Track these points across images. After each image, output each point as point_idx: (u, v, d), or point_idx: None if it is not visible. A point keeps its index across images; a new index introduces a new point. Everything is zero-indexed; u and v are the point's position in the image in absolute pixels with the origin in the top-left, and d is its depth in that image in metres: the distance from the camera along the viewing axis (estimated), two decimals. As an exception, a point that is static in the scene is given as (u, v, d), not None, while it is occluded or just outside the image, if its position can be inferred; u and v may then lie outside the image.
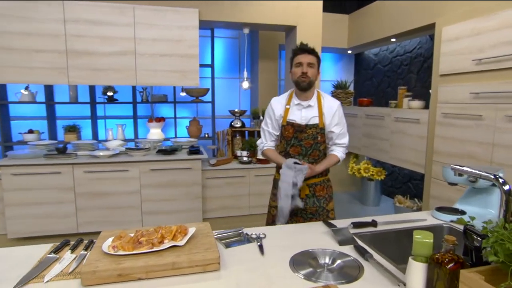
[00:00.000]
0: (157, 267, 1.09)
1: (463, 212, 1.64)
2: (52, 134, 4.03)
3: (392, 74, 4.55)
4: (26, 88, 3.55)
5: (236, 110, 3.87)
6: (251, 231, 1.50)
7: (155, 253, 1.15)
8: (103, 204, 3.18)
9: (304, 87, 1.89)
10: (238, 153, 3.76)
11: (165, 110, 4.56)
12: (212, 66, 4.27)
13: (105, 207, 3.19)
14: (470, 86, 2.65)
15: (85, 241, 1.36)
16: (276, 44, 4.52)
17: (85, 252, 1.25)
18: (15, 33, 2.92)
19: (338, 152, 1.97)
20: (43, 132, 3.93)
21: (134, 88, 4.21)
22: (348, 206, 4.49)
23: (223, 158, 3.68)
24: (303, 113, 1.94)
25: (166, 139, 4.06)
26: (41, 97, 3.83)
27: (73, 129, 4.00)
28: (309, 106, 1.93)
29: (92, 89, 4.04)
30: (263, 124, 2.06)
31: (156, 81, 3.31)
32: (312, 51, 1.90)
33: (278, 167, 2.07)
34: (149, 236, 1.22)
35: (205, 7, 3.33)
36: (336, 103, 1.97)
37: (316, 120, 1.93)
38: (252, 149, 3.79)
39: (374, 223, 1.57)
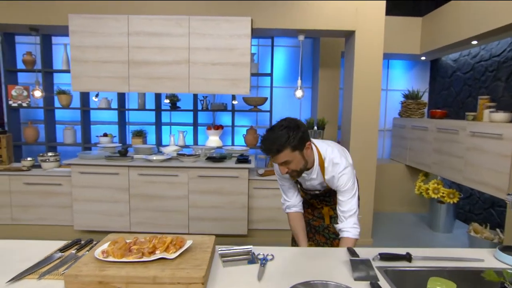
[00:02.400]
0: (138, 279, 1.04)
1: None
2: (122, 138, 4.41)
3: (474, 82, 3.93)
4: (96, 96, 3.96)
5: (290, 119, 3.73)
6: (261, 250, 1.37)
7: (142, 264, 1.10)
8: (153, 207, 3.33)
9: (296, 179, 1.67)
10: (289, 164, 3.61)
11: (227, 118, 4.65)
12: (271, 75, 4.23)
13: (155, 209, 3.33)
14: None
15: (94, 242, 1.38)
16: (338, 51, 4.29)
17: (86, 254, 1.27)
18: (88, 46, 3.26)
19: (348, 229, 1.56)
20: (115, 136, 4.33)
21: (195, 96, 4.39)
22: (413, 229, 3.98)
23: (272, 169, 3.57)
24: (307, 183, 1.69)
25: (219, 147, 4.12)
26: (115, 104, 4.25)
27: (139, 134, 4.32)
28: (312, 178, 1.65)
29: (158, 97, 4.33)
30: (278, 180, 1.80)
31: (208, 89, 3.38)
32: (277, 151, 1.44)
33: None
34: (141, 245, 1.18)
35: (258, 15, 3.30)
36: (336, 169, 1.58)
37: (320, 187, 1.70)
38: (303, 160, 3.61)
39: (408, 257, 1.30)
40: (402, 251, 1.34)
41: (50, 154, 3.70)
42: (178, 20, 3.25)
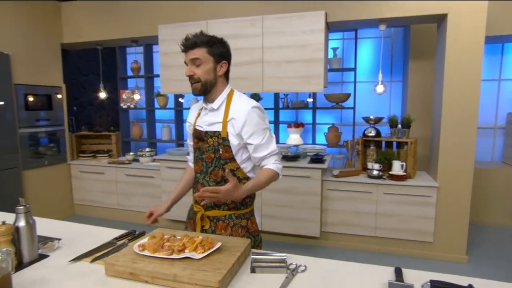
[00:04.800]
0: (161, 275, 1.09)
1: None
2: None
3: None
4: (182, 97, 4.33)
5: (371, 117, 3.45)
6: (294, 260, 1.30)
7: (169, 261, 1.16)
8: (229, 202, 3.48)
9: (198, 93, 1.47)
10: (369, 165, 3.35)
11: (310, 116, 4.56)
12: (354, 69, 3.98)
13: (230, 204, 3.48)
14: None
15: (146, 234, 1.52)
16: (432, 40, 3.77)
17: (134, 245, 1.40)
18: (174, 52, 3.59)
19: (269, 164, 1.46)
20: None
21: (276, 95, 4.42)
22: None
23: (349, 170, 3.36)
24: (208, 117, 1.51)
25: (297, 145, 4.06)
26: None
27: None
28: (212, 109, 1.50)
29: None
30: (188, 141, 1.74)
31: (281, 88, 3.36)
32: (194, 44, 1.40)
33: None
34: (173, 242, 1.24)
35: (333, 7, 3.12)
36: (247, 105, 1.44)
37: (218, 127, 1.47)
38: (386, 162, 3.29)
39: (469, 289, 1.07)
40: (468, 281, 1.11)
41: (147, 149, 4.21)
42: (252, 21, 3.31)
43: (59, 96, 4.15)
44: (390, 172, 3.18)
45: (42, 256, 1.27)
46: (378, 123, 3.46)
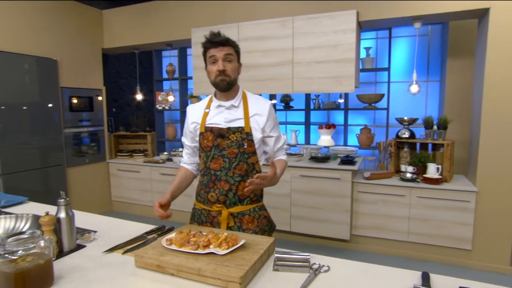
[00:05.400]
0: (186, 269, 1.14)
1: None
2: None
3: None
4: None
5: (405, 118, 3.34)
6: (318, 260, 1.30)
7: (194, 255, 1.20)
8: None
9: (225, 88, 1.51)
10: (403, 167, 3.24)
11: (341, 117, 4.50)
12: (388, 69, 3.88)
13: (259, 204, 3.51)
14: None
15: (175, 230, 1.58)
16: (472, 37, 3.58)
17: (162, 239, 1.46)
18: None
19: (282, 156, 1.68)
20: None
21: (308, 95, 4.41)
22: None
23: (380, 172, 3.27)
24: (225, 115, 1.54)
25: (327, 147, 4.01)
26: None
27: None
28: (232, 106, 1.57)
29: (272, 97, 4.53)
30: (182, 139, 1.75)
31: (311, 88, 3.34)
32: (227, 41, 1.50)
33: (196, 193, 1.70)
34: (198, 238, 1.29)
35: (365, 6, 3.06)
36: (267, 103, 1.61)
37: (241, 123, 1.52)
38: (420, 164, 3.17)
39: (502, 298, 1.02)
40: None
41: (180, 149, 4.35)
42: (283, 22, 3.33)
43: (100, 98, 4.40)
44: (425, 175, 3.05)
45: (80, 246, 1.36)
46: (412, 124, 3.34)
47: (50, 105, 3.77)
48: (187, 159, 1.73)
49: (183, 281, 1.13)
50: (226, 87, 1.51)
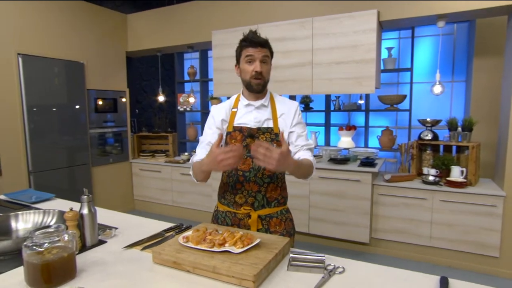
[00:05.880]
0: (202, 266, 1.17)
1: None
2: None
3: None
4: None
5: (428, 119, 3.25)
6: (333, 261, 1.30)
7: (210, 253, 1.23)
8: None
9: (259, 91, 1.49)
10: (425, 170, 3.16)
11: (362, 119, 4.44)
12: (411, 69, 3.80)
13: (277, 205, 3.51)
14: None
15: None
16: (500, 35, 3.44)
17: (180, 237, 1.49)
18: (226, 57, 3.74)
19: (306, 156, 1.50)
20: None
21: (328, 97, 4.37)
22: None
23: (401, 175, 3.19)
24: (254, 114, 1.51)
25: (347, 149, 3.96)
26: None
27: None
28: (262, 106, 1.54)
29: (291, 98, 4.52)
30: (200, 139, 1.62)
31: (331, 90, 3.31)
32: (266, 43, 1.48)
33: (219, 194, 1.65)
34: (214, 236, 1.31)
35: (386, 5, 3.01)
36: (293, 102, 1.61)
37: (270, 124, 1.49)
38: (443, 167, 3.08)
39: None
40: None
41: (200, 150, 4.41)
42: (302, 23, 3.32)
43: (123, 99, 4.54)
44: (448, 178, 2.96)
45: (101, 242, 1.42)
46: (435, 126, 3.25)
47: (77, 106, 3.92)
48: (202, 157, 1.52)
49: (198, 278, 1.15)
50: (260, 89, 1.50)
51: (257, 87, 1.48)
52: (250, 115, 1.53)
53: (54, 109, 3.68)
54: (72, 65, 3.86)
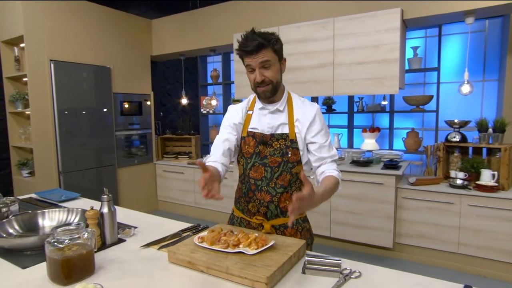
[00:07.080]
0: (215, 266, 1.17)
1: None
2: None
3: None
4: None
5: (455, 120, 3.12)
6: (350, 265, 1.27)
7: (224, 254, 1.23)
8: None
9: (267, 97, 1.38)
10: (453, 173, 3.03)
11: (386, 120, 4.33)
12: (438, 69, 3.67)
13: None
14: None
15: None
16: (537, 29, 3.25)
17: (196, 237, 1.51)
18: (248, 59, 3.76)
19: (331, 170, 1.37)
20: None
21: (351, 98, 4.30)
22: None
23: (427, 178, 3.08)
24: (268, 119, 1.41)
25: (370, 151, 3.87)
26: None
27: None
28: (277, 110, 1.43)
29: (313, 100, 4.49)
30: (214, 141, 1.52)
31: (353, 90, 3.25)
32: (260, 47, 1.29)
33: (235, 199, 1.58)
34: (229, 237, 1.31)
35: (410, 3, 2.92)
36: (314, 107, 1.44)
37: (285, 129, 1.38)
38: (472, 170, 2.94)
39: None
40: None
41: (221, 152, 4.45)
42: (323, 24, 3.29)
43: (148, 102, 4.66)
44: (478, 182, 2.82)
45: (120, 240, 1.46)
46: (464, 127, 3.11)
47: (104, 109, 4.07)
48: (219, 159, 1.41)
49: (212, 278, 1.16)
50: (269, 95, 1.39)
51: (264, 95, 1.39)
52: (264, 119, 1.45)
53: (83, 112, 3.84)
54: (99, 69, 4.02)
